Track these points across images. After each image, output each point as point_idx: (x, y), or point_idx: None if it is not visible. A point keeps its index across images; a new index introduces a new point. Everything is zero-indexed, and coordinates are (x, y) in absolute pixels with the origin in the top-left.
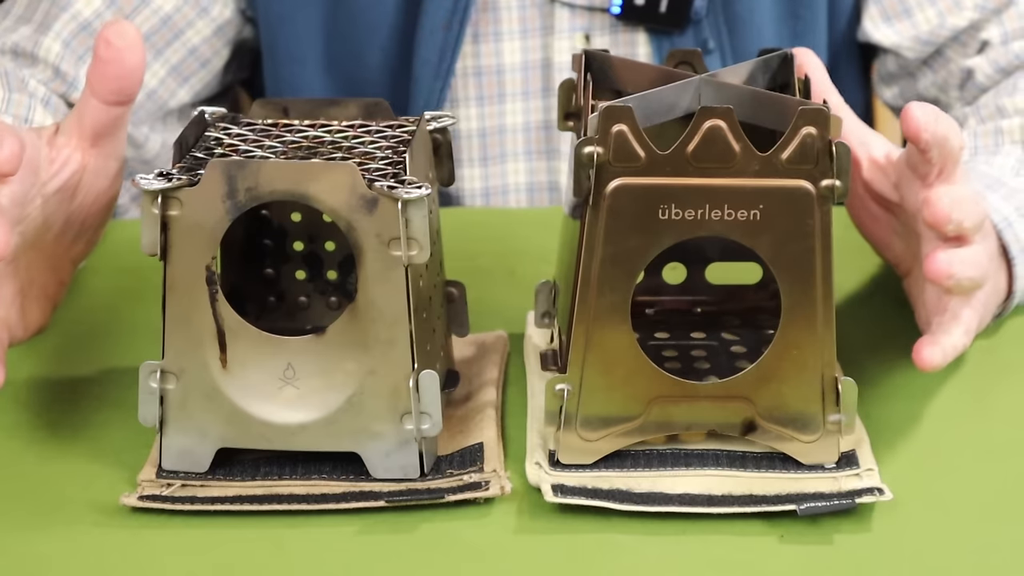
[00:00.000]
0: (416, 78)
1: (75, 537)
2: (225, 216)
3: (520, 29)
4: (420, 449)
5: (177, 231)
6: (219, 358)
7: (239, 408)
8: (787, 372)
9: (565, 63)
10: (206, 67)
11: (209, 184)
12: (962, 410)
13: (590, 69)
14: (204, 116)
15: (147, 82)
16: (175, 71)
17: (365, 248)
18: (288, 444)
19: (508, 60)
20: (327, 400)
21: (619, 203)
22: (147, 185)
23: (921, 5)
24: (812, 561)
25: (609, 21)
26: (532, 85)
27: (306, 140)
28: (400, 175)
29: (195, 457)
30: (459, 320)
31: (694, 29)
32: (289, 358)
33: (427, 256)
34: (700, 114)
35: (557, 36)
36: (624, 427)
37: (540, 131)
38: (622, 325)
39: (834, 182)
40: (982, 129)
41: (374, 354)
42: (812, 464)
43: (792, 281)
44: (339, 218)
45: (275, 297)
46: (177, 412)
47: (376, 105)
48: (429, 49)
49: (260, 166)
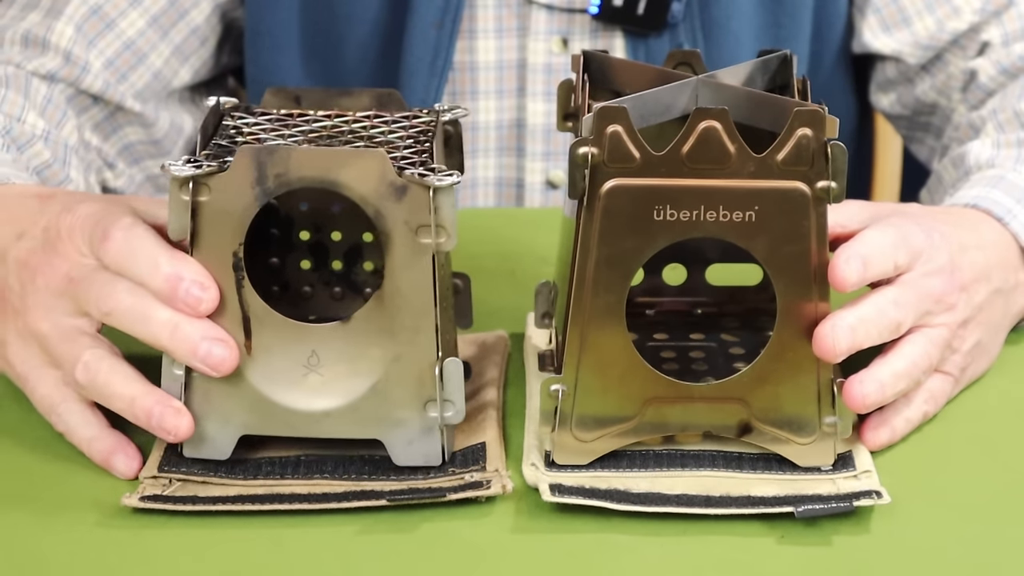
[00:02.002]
0: (409, 75)
1: (76, 537)
2: (254, 202)
3: (495, 28)
4: (443, 437)
5: (205, 217)
6: (244, 344)
7: (263, 395)
8: (783, 374)
9: (540, 64)
10: (205, 45)
11: (239, 170)
12: (960, 411)
13: (588, 70)
14: (219, 106)
15: (153, 63)
16: (178, 51)
17: (393, 235)
18: (311, 431)
19: (482, 58)
20: (351, 387)
21: (614, 204)
22: (177, 172)
23: (920, 13)
24: (811, 562)
25: (588, 25)
26: (506, 84)
27: (325, 130)
28: (428, 163)
29: (217, 444)
30: (463, 312)
31: (671, 33)
32: (313, 345)
33: (454, 244)
34: (695, 115)
35: (532, 37)
36: (619, 428)
37: (512, 128)
38: (617, 326)
39: (830, 183)
40: (1004, 139)
41: (400, 341)
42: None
43: (788, 283)
44: (367, 205)
45: (279, 286)
46: (200, 399)
47: (389, 95)
48: (422, 47)
49: (290, 152)
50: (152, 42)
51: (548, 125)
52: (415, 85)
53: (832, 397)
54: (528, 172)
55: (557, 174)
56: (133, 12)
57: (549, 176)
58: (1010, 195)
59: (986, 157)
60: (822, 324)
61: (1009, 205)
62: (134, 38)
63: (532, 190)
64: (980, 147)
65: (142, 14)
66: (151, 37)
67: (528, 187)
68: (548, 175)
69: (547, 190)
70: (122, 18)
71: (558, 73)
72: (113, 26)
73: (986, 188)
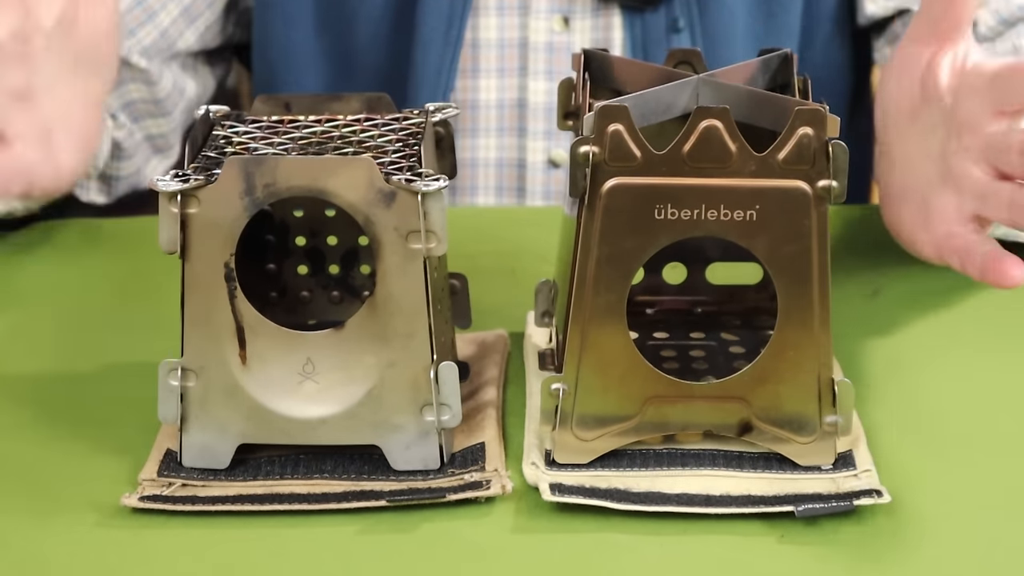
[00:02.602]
0: (423, 46)
1: (75, 537)
2: (243, 213)
3: (496, 5)
4: (440, 440)
5: (195, 229)
6: (238, 354)
7: (259, 404)
8: (783, 373)
9: (542, 43)
10: (211, 8)
11: (227, 181)
12: (960, 410)
13: (589, 68)
14: (209, 115)
15: (161, 21)
16: (186, 12)
17: (383, 242)
18: (308, 438)
19: (483, 36)
20: (347, 394)
21: (615, 203)
22: (165, 187)
23: None
24: (811, 561)
25: (588, 3)
26: (508, 63)
27: (315, 136)
28: (416, 167)
29: (215, 454)
30: (462, 312)
31: (666, 7)
32: (308, 353)
33: (445, 248)
34: (696, 114)
35: (534, 16)
36: (620, 427)
37: (513, 108)
38: (618, 325)
39: (831, 183)
40: (1001, 48)
41: (394, 347)
42: (809, 465)
43: (788, 282)
44: (357, 212)
45: (277, 292)
46: (197, 409)
47: (378, 99)
48: (436, 17)
49: (278, 162)
50: (162, 1)
51: (549, 104)
52: (429, 58)
53: (832, 396)
54: (530, 152)
55: (559, 153)
56: None
57: (551, 155)
58: None
59: None
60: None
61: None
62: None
63: (534, 169)
64: None
65: None
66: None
67: (530, 167)
68: (550, 154)
69: (549, 169)
70: None
71: (559, 52)
72: None
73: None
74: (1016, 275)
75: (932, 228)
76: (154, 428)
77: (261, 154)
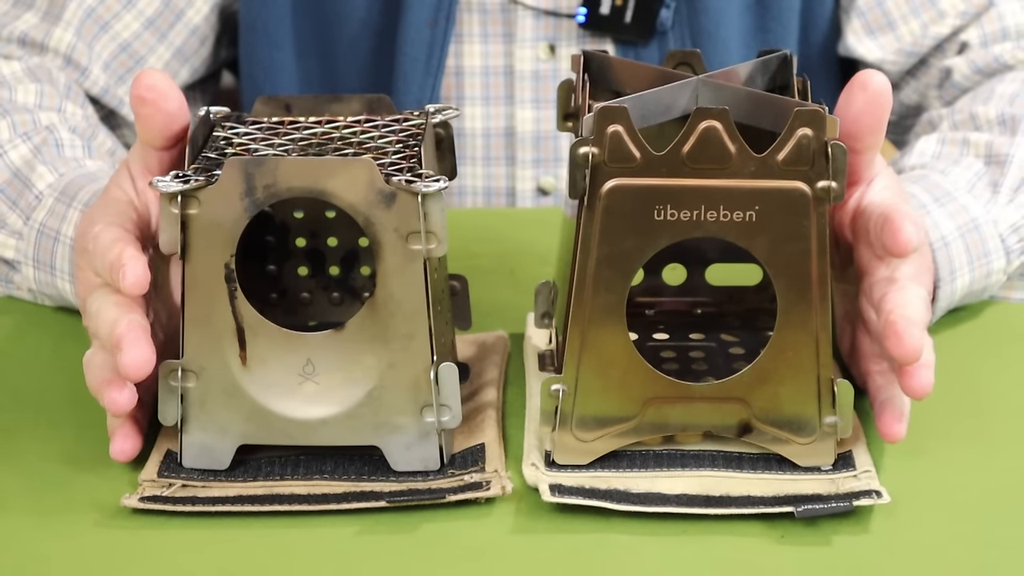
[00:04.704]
0: (403, 75)
1: (76, 537)
2: (243, 214)
3: (480, 33)
4: (440, 441)
5: (196, 230)
6: (239, 355)
7: (259, 404)
8: (783, 374)
9: (528, 71)
10: (205, 44)
11: (227, 182)
12: (960, 411)
13: (588, 69)
14: (209, 116)
15: (152, 65)
16: (179, 53)
17: (384, 243)
18: (309, 439)
19: (467, 63)
20: (347, 395)
21: (614, 204)
22: (165, 188)
23: (905, 18)
24: (811, 562)
25: (575, 32)
26: (493, 91)
27: (315, 137)
28: (416, 168)
29: (216, 454)
30: (462, 313)
31: (659, 41)
32: (308, 354)
33: (445, 249)
34: (695, 115)
35: (519, 44)
36: (620, 428)
37: (499, 137)
38: (618, 326)
39: (830, 183)
40: (951, 136)
41: (394, 348)
42: (808, 466)
43: (788, 283)
44: (357, 213)
45: (277, 293)
46: (197, 410)
47: (378, 100)
48: (416, 46)
49: (278, 163)
50: (149, 45)
51: (537, 132)
52: (410, 86)
53: (832, 397)
54: (519, 180)
55: (548, 180)
56: (127, 15)
57: (540, 183)
58: (929, 193)
59: (930, 152)
60: (895, 328)
61: (924, 201)
62: (129, 40)
63: (523, 197)
64: (924, 144)
65: (136, 16)
66: (148, 40)
67: (519, 194)
68: (539, 182)
69: (538, 196)
70: (116, 20)
71: (546, 80)
72: (108, 28)
73: (908, 184)
74: (891, 433)
75: (855, 363)
76: (154, 429)
77: (261, 155)
